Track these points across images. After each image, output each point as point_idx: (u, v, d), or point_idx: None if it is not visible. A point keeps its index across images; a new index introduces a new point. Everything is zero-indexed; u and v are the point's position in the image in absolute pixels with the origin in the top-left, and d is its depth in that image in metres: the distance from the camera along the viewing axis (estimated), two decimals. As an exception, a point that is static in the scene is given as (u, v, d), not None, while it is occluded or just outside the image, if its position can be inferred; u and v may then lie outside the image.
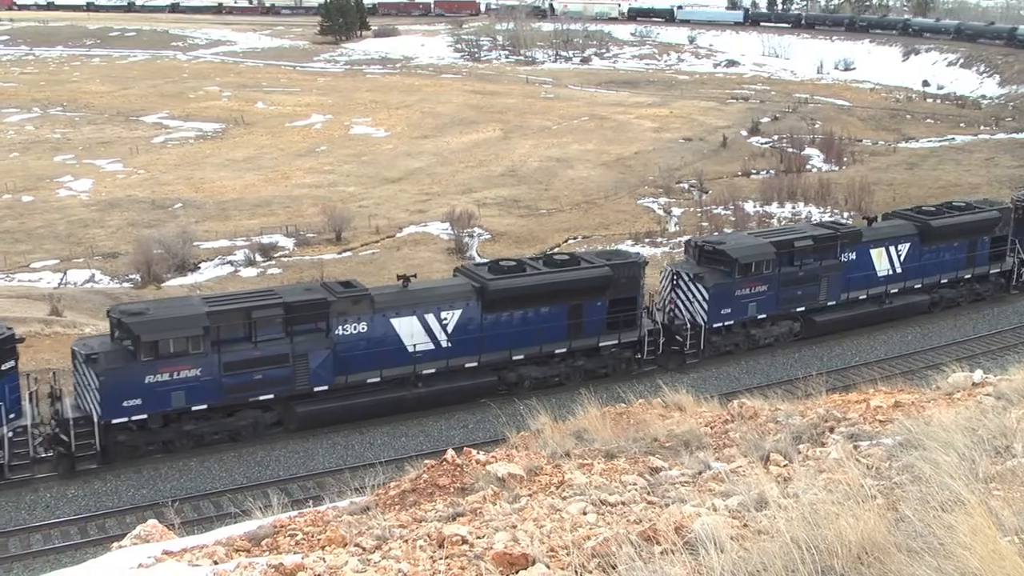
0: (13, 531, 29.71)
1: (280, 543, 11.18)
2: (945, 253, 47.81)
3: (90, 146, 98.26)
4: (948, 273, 48.20)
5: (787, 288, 42.94)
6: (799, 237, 43.63)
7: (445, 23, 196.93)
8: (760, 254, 41.94)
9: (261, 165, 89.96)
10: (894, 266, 46.24)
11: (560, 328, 38.44)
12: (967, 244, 48.47)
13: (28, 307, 50.72)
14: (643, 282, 40.57)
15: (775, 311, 43.24)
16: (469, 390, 37.15)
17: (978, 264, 49.23)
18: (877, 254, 45.77)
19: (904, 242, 46.42)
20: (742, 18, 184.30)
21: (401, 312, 35.62)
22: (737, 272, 41.25)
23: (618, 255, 41.70)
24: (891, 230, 46.85)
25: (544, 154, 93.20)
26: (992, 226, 48.91)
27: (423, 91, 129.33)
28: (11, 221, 72.78)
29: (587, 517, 9.84)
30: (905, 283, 46.80)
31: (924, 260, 47.06)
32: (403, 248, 66.28)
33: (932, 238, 46.92)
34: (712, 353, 41.94)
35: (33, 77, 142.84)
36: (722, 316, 41.65)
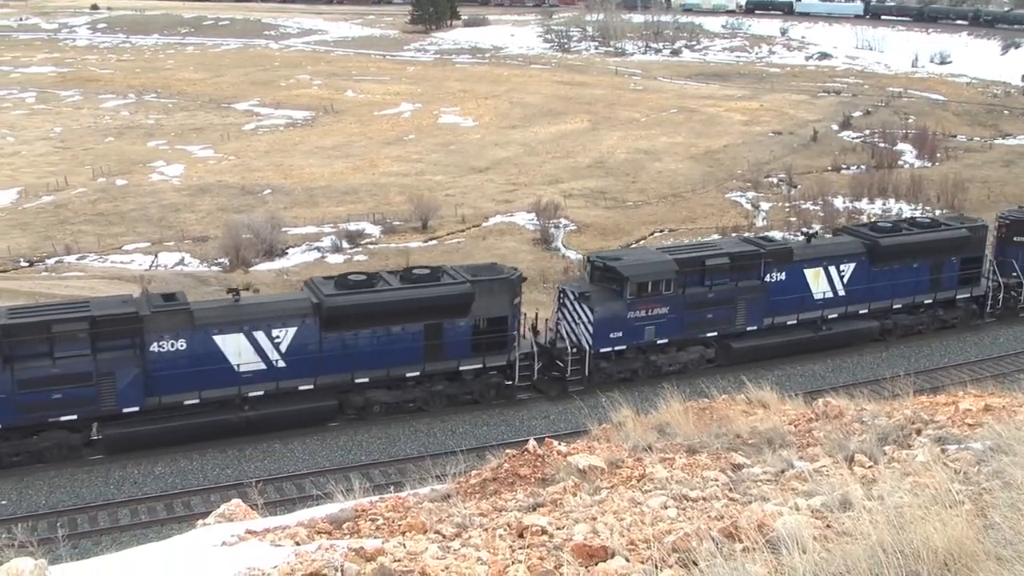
0: (103, 505, 30.49)
1: (361, 527, 11.30)
2: (900, 275, 43.49)
3: (182, 132, 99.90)
4: (903, 297, 43.88)
5: (694, 311, 39.34)
6: (712, 254, 40.08)
7: (535, 14, 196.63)
8: (657, 272, 38.51)
9: (349, 153, 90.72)
10: (835, 288, 42.32)
11: (414, 349, 35.48)
12: (929, 265, 44.17)
13: (120, 288, 51.78)
14: (518, 300, 37.36)
15: (679, 336, 39.57)
16: (306, 414, 34.65)
17: (943, 288, 44.94)
18: (813, 275, 41.83)
19: (848, 262, 42.43)
20: (862, 11, 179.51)
21: (226, 329, 33.16)
22: (629, 292, 37.86)
23: (488, 270, 37.92)
24: (833, 248, 43.15)
25: (632, 146, 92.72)
26: (960, 246, 44.62)
27: (512, 81, 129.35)
28: (105, 204, 74.31)
29: (667, 512, 9.81)
30: (848, 307, 42.76)
31: (873, 282, 42.96)
32: (488, 238, 66.41)
33: (882, 258, 42.85)
34: (602, 380, 38.13)
35: (129, 64, 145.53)
36: (611, 340, 38.13)
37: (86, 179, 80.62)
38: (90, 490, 31.28)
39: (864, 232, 44.46)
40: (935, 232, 44.62)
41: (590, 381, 37.96)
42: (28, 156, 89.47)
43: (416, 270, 37.63)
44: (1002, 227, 47.03)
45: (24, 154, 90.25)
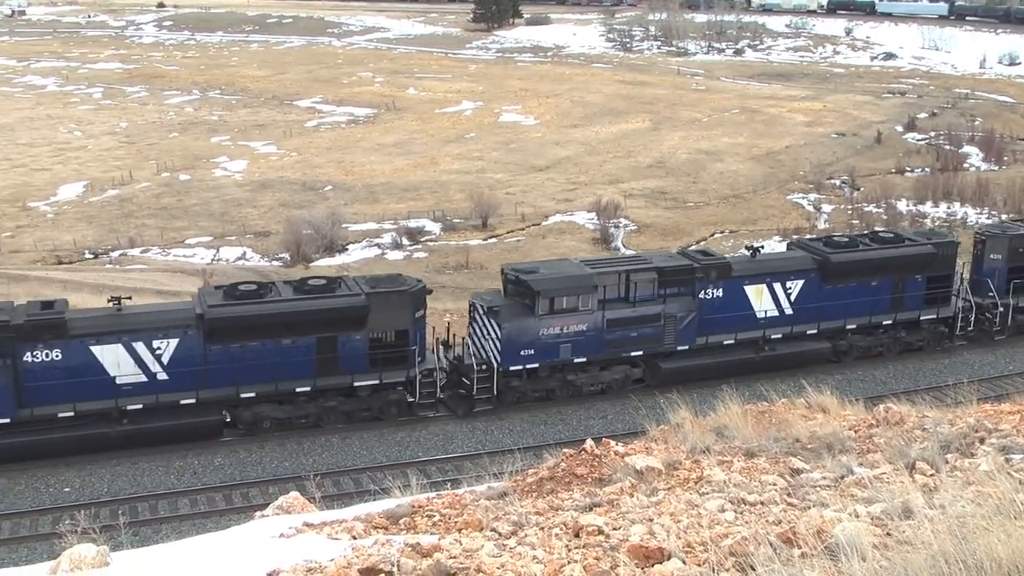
0: (163, 494, 30.89)
1: (417, 523, 11.36)
2: (855, 293, 40.47)
3: (245, 128, 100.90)
4: (858, 317, 40.80)
5: (617, 328, 36.62)
6: (638, 268, 37.49)
7: (598, 12, 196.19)
8: (572, 287, 35.99)
9: (411, 150, 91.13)
10: (781, 307, 39.40)
11: (305, 364, 33.74)
12: (890, 284, 41.03)
13: (182, 281, 52.50)
14: (421, 312, 35.38)
15: (599, 355, 36.93)
16: (189, 429, 33.07)
17: (906, 308, 41.51)
18: (755, 292, 38.94)
19: (796, 278, 39.49)
20: (946, 11, 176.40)
21: (104, 339, 31.69)
22: (540, 307, 35.38)
23: (388, 281, 35.75)
24: (779, 264, 40.39)
25: (693, 146, 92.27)
26: (924, 263, 41.29)
27: (573, 80, 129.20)
28: (169, 199, 75.28)
29: (725, 515, 9.76)
30: (794, 327, 39.65)
31: (824, 301, 39.81)
32: (548, 236, 66.42)
33: (834, 275, 39.80)
34: (514, 399, 36.35)
35: (194, 61, 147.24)
36: (521, 358, 35.79)
37: (150, 174, 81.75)
38: (151, 479, 31.72)
39: (816, 247, 41.25)
40: (896, 248, 41.33)
41: (500, 400, 36.09)
42: (94, 151, 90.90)
43: (312, 280, 35.59)
44: (978, 244, 44.09)
45: (91, 149, 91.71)
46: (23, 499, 30.45)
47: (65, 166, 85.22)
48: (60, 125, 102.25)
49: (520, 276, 36.08)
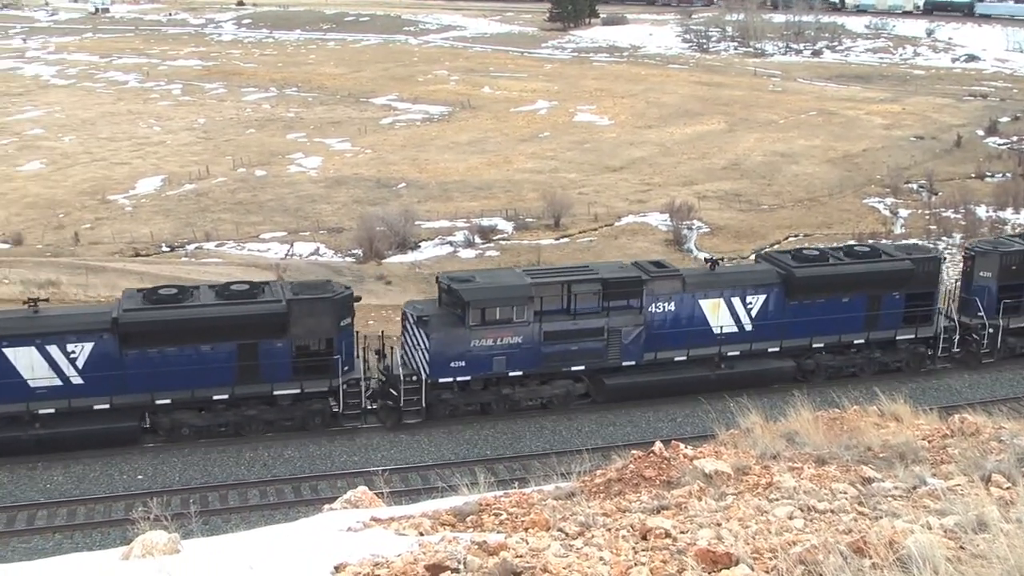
0: (233, 484, 31.32)
1: (484, 521, 11.38)
2: (823, 310, 38.36)
3: (321, 125, 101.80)
4: (826, 335, 38.65)
5: (555, 341, 35.17)
6: (580, 279, 35.91)
7: (674, 13, 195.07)
8: (506, 298, 34.53)
9: (484, 149, 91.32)
10: (740, 323, 37.54)
11: (225, 371, 33.13)
12: (864, 301, 38.93)
13: (256, 275, 53.09)
14: (348, 320, 34.32)
15: (536, 368, 35.52)
16: (102, 434, 32.65)
17: (882, 327, 39.46)
18: (712, 306, 37.05)
19: (757, 293, 37.55)
20: None
21: (17, 342, 31.38)
22: (471, 318, 34.15)
23: (313, 288, 34.97)
24: (739, 278, 38.69)
25: (769, 148, 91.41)
26: (902, 280, 39.10)
27: (649, 81, 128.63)
28: (244, 194, 76.19)
29: (794, 522, 9.67)
30: (753, 344, 37.80)
31: (788, 317, 37.91)
32: (621, 237, 66.20)
33: (798, 290, 37.78)
34: (446, 412, 35.30)
35: (272, 59, 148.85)
36: (451, 370, 34.59)
37: (227, 169, 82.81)
38: (222, 469, 32.18)
39: (782, 261, 39.11)
40: (869, 264, 39.24)
41: (430, 413, 35.13)
42: (173, 146, 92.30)
43: (234, 286, 34.79)
44: (967, 260, 41.92)
45: (169, 144, 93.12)
46: (97, 486, 31.06)
47: (144, 160, 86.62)
48: (140, 120, 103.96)
49: (452, 285, 34.72)
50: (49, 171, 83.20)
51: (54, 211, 71.92)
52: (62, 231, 67.37)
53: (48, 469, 31.77)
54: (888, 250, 41.29)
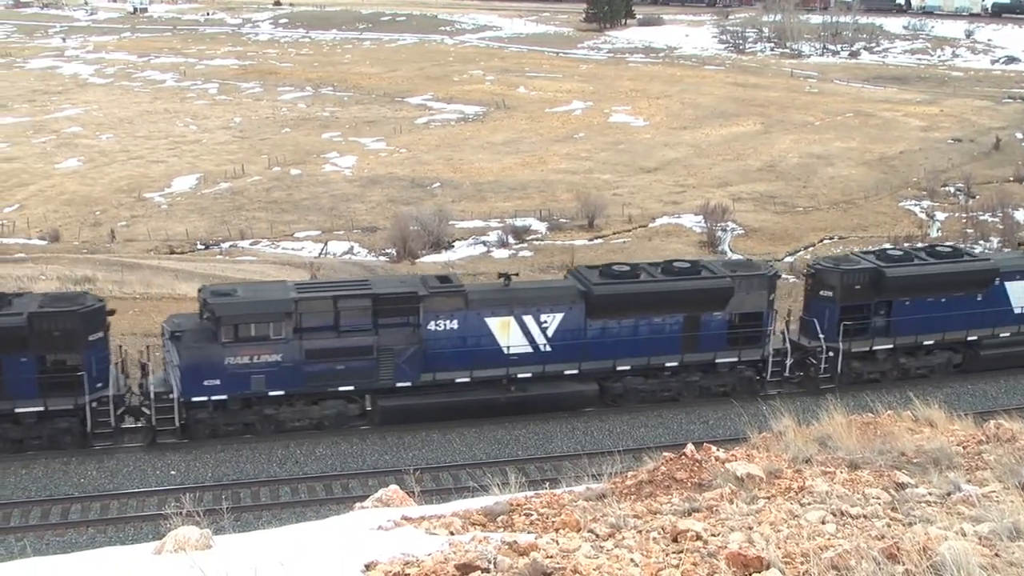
0: (265, 481, 31.45)
1: (515, 521, 11.36)
2: (631, 330, 35.73)
3: (356, 125, 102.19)
4: (633, 357, 35.72)
5: (318, 360, 32.95)
6: (348, 295, 33.58)
7: (711, 13, 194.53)
8: (261, 313, 32.32)
9: (519, 149, 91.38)
10: (535, 343, 34.75)
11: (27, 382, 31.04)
12: (679, 321, 35.99)
13: (290, 274, 53.32)
14: (99, 335, 32.11)
15: (299, 388, 33.33)
16: None
17: (702, 348, 36.46)
18: (500, 324, 34.39)
19: (554, 311, 34.75)
20: None
21: None
22: (224, 334, 31.95)
23: (62, 300, 32.70)
24: (533, 295, 35.61)
25: (804, 150, 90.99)
26: (723, 298, 36.13)
27: (684, 81, 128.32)
28: (279, 192, 76.62)
29: (826, 527, 9.60)
30: (548, 366, 35.01)
31: (589, 337, 35.19)
32: (654, 239, 66.09)
33: (600, 309, 35.05)
34: (206, 433, 33.07)
35: (308, 58, 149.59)
36: (206, 388, 32.33)
37: (262, 168, 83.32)
38: (253, 466, 32.32)
39: (587, 277, 36.24)
40: (684, 281, 36.22)
41: (186, 433, 33.04)
42: (209, 144, 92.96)
43: None
44: (808, 279, 39.35)
45: (205, 142, 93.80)
46: (131, 481, 31.28)
47: (180, 159, 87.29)
48: (176, 119, 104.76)
49: (208, 299, 32.66)
50: (86, 169, 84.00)
51: (91, 208, 72.60)
52: (98, 228, 68.04)
53: (82, 464, 32.04)
54: (712, 267, 38.03)
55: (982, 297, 39.18)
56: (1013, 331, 39.92)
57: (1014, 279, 39.78)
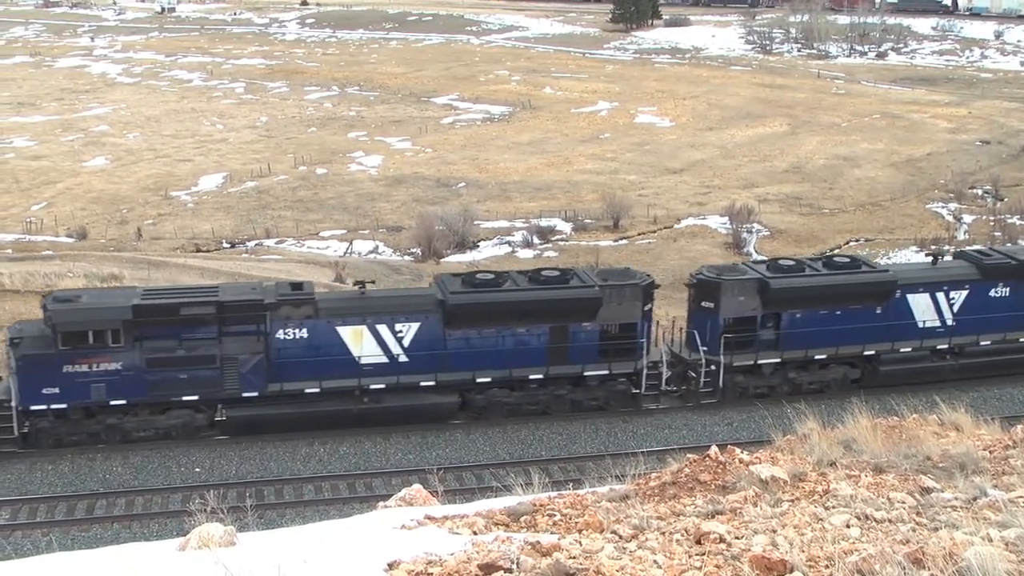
0: (289, 479, 31.54)
1: (538, 521, 11.37)
2: (493, 341, 34.39)
3: (382, 124, 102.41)
4: (495, 369, 34.48)
5: (160, 369, 31.94)
6: (191, 302, 32.41)
7: (738, 14, 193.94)
8: (97, 320, 31.25)
9: (544, 149, 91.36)
10: (391, 353, 33.89)
11: None
12: (544, 331, 34.65)
13: (315, 272, 53.52)
14: None
15: (141, 398, 32.35)
16: None
17: (571, 360, 35.01)
18: (353, 334, 33.53)
19: (409, 320, 33.90)
20: None
21: None
22: (60, 341, 30.91)
23: None
24: (389, 303, 34.77)
25: (831, 152, 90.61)
26: (591, 309, 34.68)
27: (711, 82, 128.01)
28: (305, 192, 76.87)
29: (850, 530, 9.55)
30: (402, 377, 34.00)
31: (447, 348, 34.14)
32: (680, 240, 65.95)
33: (457, 319, 33.98)
34: (50, 444, 32.11)
35: (334, 58, 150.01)
36: (44, 396, 31.36)
37: (288, 167, 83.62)
38: (277, 464, 32.43)
39: (447, 285, 35.14)
40: (549, 291, 34.83)
41: (28, 442, 32.16)
42: (235, 143, 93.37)
43: None
44: (690, 290, 37.59)
45: (231, 141, 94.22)
46: (155, 477, 31.46)
47: (206, 158, 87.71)
48: (203, 118, 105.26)
49: (48, 306, 31.67)
50: (114, 167, 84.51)
51: (118, 206, 73.03)
52: (125, 226, 68.44)
53: (107, 460, 32.24)
54: (583, 276, 36.24)
55: (882, 310, 37.45)
56: (915, 346, 38.12)
57: (917, 292, 37.94)
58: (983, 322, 38.60)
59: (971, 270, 39.11)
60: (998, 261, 39.43)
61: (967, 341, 38.75)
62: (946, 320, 38.48)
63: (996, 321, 38.79)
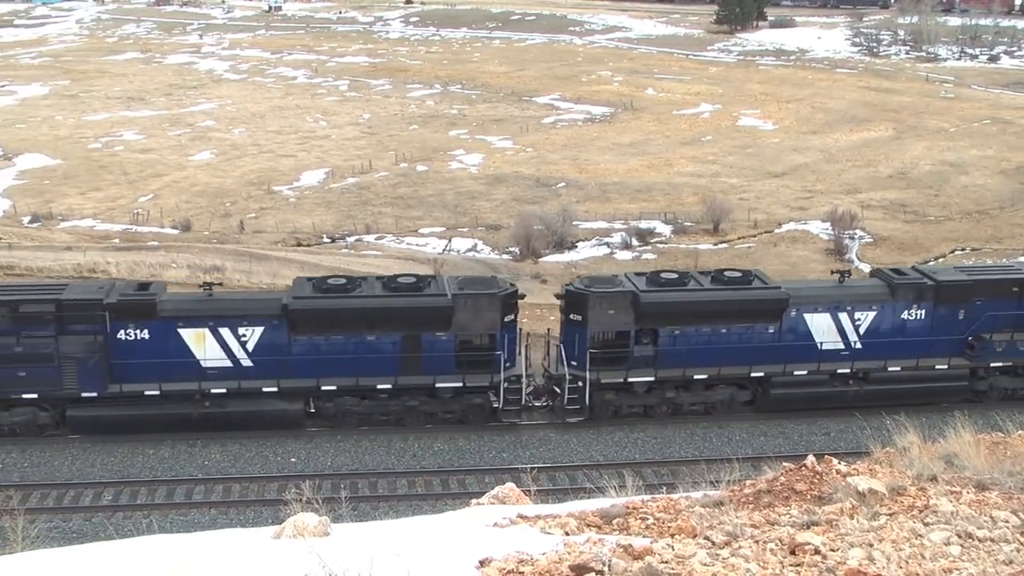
0: (383, 473, 31.90)
1: (631, 524, 11.34)
2: (339, 348, 33.82)
3: (483, 123, 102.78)
4: (340, 377, 33.82)
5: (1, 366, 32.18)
6: (29, 299, 32.61)
7: (844, 15, 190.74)
8: None
9: (645, 151, 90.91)
10: (235, 357, 33.48)
11: None
12: (396, 340, 33.92)
13: (413, 269, 53.90)
14: None
15: None
16: None
17: (425, 371, 34.13)
18: (195, 337, 33.08)
19: (253, 324, 33.35)
20: None
21: None
22: None
23: None
24: (232, 306, 34.10)
25: (937, 157, 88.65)
26: (443, 318, 33.76)
27: (815, 85, 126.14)
28: (405, 188, 77.47)
29: (950, 548, 9.35)
30: (243, 382, 33.59)
31: (292, 354, 33.72)
32: (780, 244, 65.11)
33: (302, 324, 33.55)
34: None
35: (437, 56, 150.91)
36: None
37: (389, 164, 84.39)
38: (372, 457, 32.83)
39: (297, 291, 34.86)
40: (398, 297, 34.20)
41: None
42: (338, 140, 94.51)
43: None
44: (560, 302, 36.20)
45: (334, 138, 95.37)
46: (253, 466, 32.10)
47: (309, 154, 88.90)
48: (307, 115, 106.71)
49: None
50: (218, 161, 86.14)
51: (222, 200, 74.41)
52: (228, 219, 69.68)
53: (207, 447, 32.93)
54: (440, 283, 35.39)
55: (775, 330, 35.58)
56: (813, 369, 36.01)
57: (816, 311, 35.83)
58: (893, 346, 36.17)
59: (881, 289, 36.69)
60: (912, 281, 36.72)
61: (874, 366, 36.26)
62: (851, 342, 36.20)
63: (909, 346, 36.28)
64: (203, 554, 10.26)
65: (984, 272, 38.35)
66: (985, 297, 36.38)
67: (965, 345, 36.79)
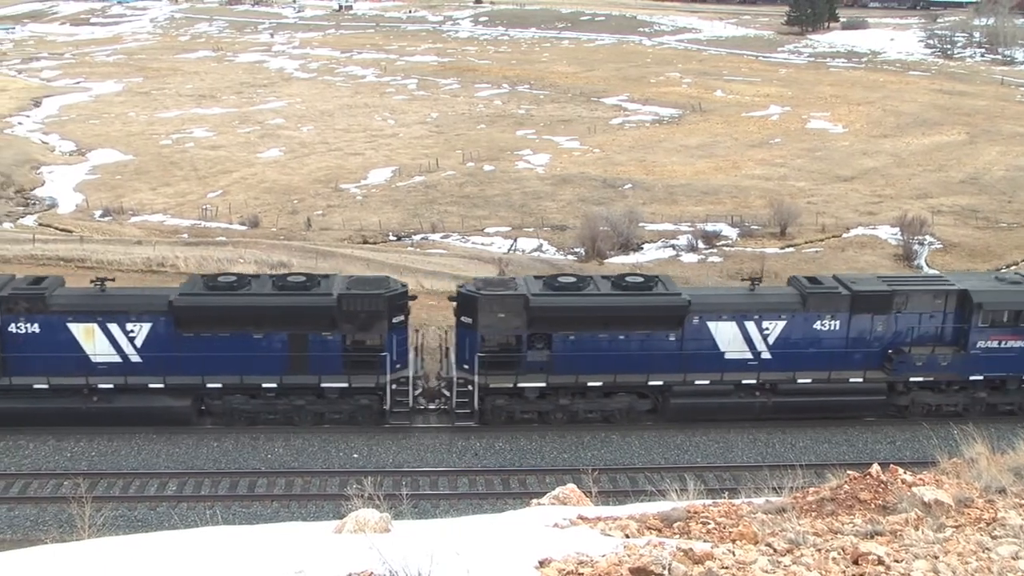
0: (444, 471, 31.99)
1: (691, 528, 11.27)
2: (226, 345, 33.13)
3: (550, 123, 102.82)
4: (223, 375, 33.27)
5: None
6: None
7: (918, 17, 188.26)
8: None
9: (713, 153, 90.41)
10: (123, 352, 33.15)
11: None
12: (284, 339, 33.36)
13: (478, 268, 54.12)
14: None
15: None
16: None
17: (313, 370, 33.53)
18: (85, 331, 33.09)
19: (140, 321, 33.07)
20: None
21: None
22: None
23: None
24: (122, 302, 33.64)
25: (1012, 163, 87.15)
26: (327, 317, 33.17)
27: (887, 88, 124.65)
28: (472, 188, 77.73)
29: (1019, 563, 9.18)
30: (131, 378, 33.30)
31: (180, 351, 33.02)
32: (848, 249, 64.40)
33: (188, 321, 33.03)
34: None
35: (506, 56, 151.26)
36: None
37: (456, 163, 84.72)
38: (434, 455, 32.92)
39: (188, 287, 34.28)
40: (283, 296, 33.58)
41: None
42: (405, 138, 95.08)
43: None
44: (454, 304, 35.40)
45: (402, 136, 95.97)
46: (315, 460, 32.33)
47: (376, 152, 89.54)
48: (375, 113, 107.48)
49: None
50: (287, 159, 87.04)
51: (289, 197, 75.18)
52: (295, 216, 70.40)
53: (270, 440, 33.26)
54: (328, 283, 34.59)
55: (675, 337, 34.23)
56: (716, 379, 34.61)
57: (720, 319, 34.40)
58: (804, 357, 34.81)
59: (793, 298, 35.13)
60: (825, 290, 35.08)
61: (782, 377, 34.92)
62: (759, 352, 34.84)
63: (821, 357, 34.84)
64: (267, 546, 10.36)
65: (905, 282, 36.68)
66: (905, 308, 35.05)
67: (883, 358, 35.47)
